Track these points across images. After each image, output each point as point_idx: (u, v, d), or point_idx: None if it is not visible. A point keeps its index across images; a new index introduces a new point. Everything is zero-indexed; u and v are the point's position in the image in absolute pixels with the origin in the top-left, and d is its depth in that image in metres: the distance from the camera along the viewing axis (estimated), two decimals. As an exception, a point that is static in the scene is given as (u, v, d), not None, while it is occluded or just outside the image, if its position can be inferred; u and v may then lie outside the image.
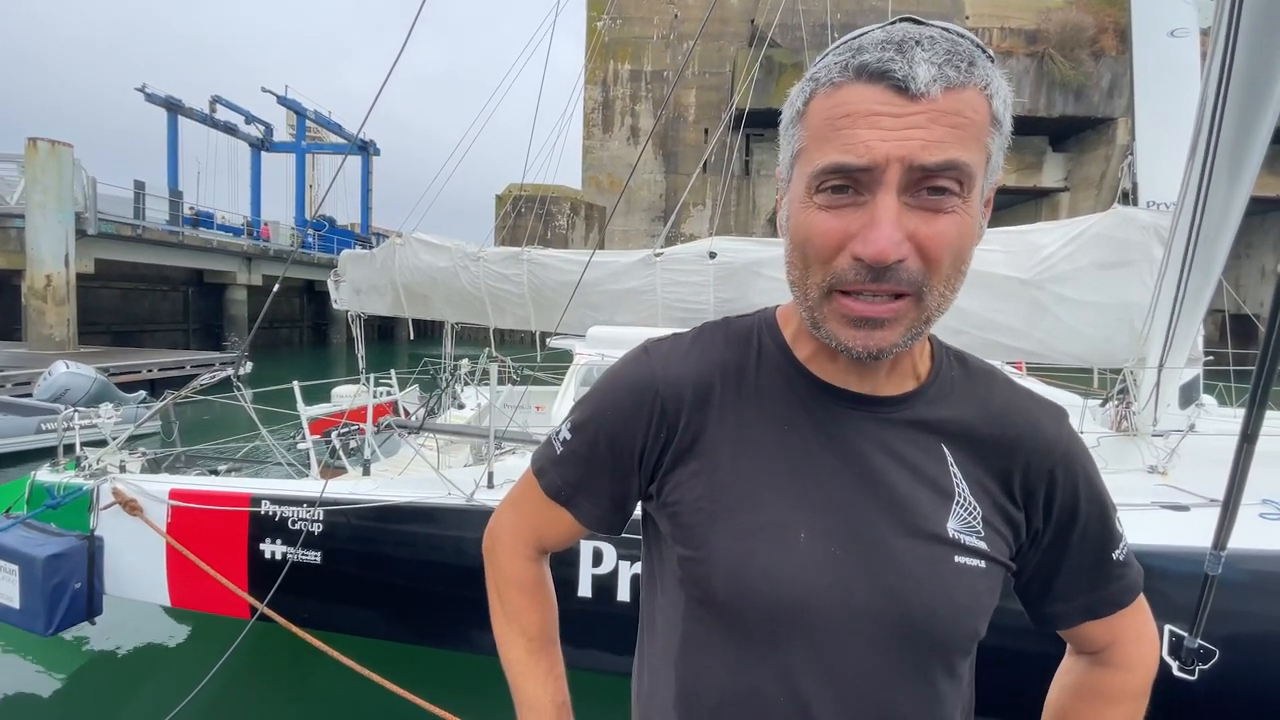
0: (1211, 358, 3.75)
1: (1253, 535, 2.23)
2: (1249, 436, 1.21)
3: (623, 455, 0.66)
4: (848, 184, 0.52)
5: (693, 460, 0.63)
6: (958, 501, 0.61)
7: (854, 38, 0.53)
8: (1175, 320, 2.91)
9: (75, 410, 3.68)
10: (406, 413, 5.08)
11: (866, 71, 0.51)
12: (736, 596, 0.59)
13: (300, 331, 27.75)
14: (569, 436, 0.70)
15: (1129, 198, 3.75)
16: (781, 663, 0.59)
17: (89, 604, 3.01)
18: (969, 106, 0.51)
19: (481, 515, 2.79)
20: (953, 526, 0.60)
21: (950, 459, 0.62)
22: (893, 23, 0.52)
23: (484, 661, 2.97)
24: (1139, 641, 0.70)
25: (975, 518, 0.61)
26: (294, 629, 2.84)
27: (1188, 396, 3.60)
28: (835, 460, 0.61)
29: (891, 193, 0.50)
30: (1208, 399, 4.18)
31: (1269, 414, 1.28)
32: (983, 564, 0.60)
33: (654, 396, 0.65)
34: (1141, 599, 0.69)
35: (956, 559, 0.59)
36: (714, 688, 0.62)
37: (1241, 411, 1.22)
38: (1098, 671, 0.71)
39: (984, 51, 0.52)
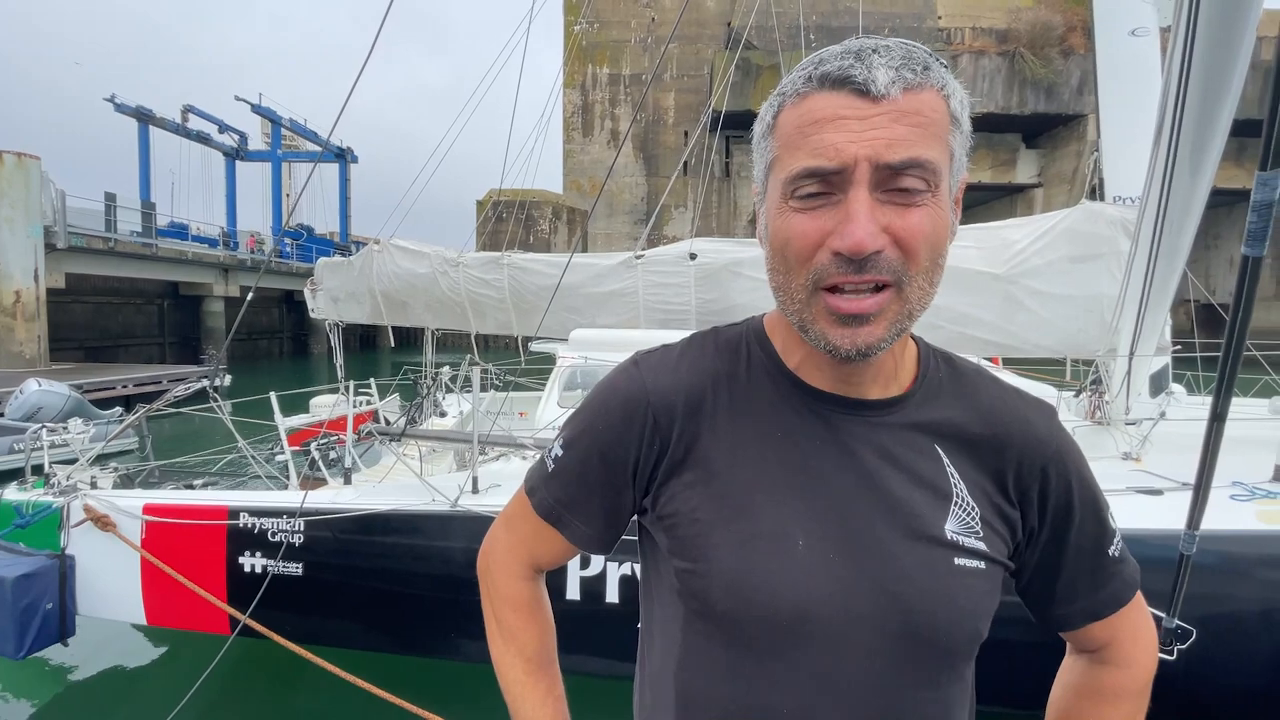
0: (1179, 347, 3.85)
1: (1223, 517, 2.29)
2: (1219, 415, 1.23)
3: (616, 469, 0.66)
4: (821, 188, 0.54)
5: (687, 471, 0.63)
6: (956, 502, 0.61)
7: (816, 55, 0.56)
8: (1143, 311, 2.98)
9: (44, 427, 3.59)
10: (388, 421, 5.03)
11: (829, 79, 0.53)
12: (735, 607, 0.59)
13: (280, 342, 27.33)
14: (561, 453, 0.70)
15: (1096, 193, 3.84)
16: (783, 672, 0.59)
17: (61, 625, 2.93)
18: (928, 106, 0.53)
19: (466, 521, 2.76)
20: (951, 528, 0.60)
21: (945, 459, 0.62)
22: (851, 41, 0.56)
23: (477, 666, 2.94)
24: (1137, 639, 0.70)
25: (974, 518, 0.61)
26: (279, 639, 2.78)
27: (1158, 385, 3.69)
28: (830, 465, 0.61)
29: (863, 188, 0.52)
30: (1176, 387, 4.28)
31: (1236, 399, 1.31)
32: (982, 565, 0.60)
33: (645, 408, 0.64)
34: (1139, 596, 0.69)
35: (956, 561, 0.59)
36: (716, 700, 0.62)
37: (1209, 398, 1.25)
38: (1098, 670, 0.71)
39: (937, 59, 0.55)
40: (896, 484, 0.60)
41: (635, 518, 0.71)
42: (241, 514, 2.90)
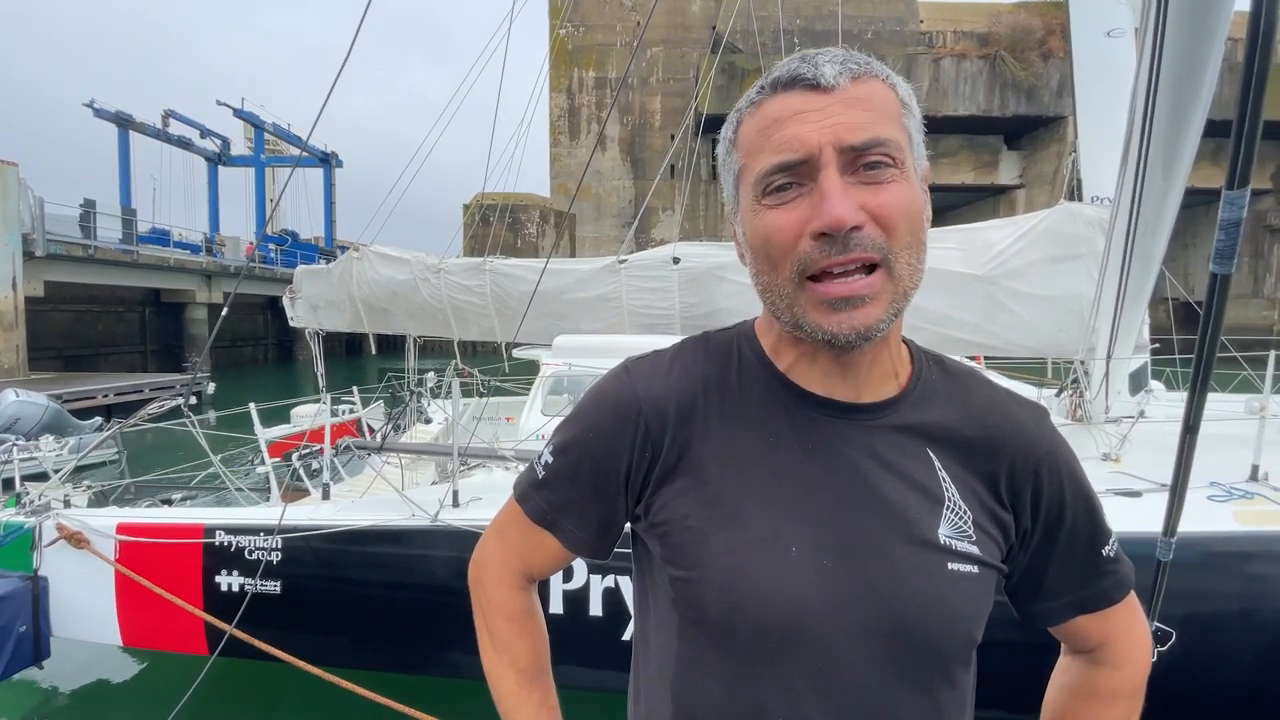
0: (1158, 345, 3.88)
1: (1201, 518, 2.30)
2: (1191, 428, 1.23)
3: (608, 476, 0.66)
4: (791, 180, 0.55)
5: (679, 478, 0.63)
6: (948, 506, 0.61)
7: (766, 73, 0.59)
8: (1120, 310, 3.00)
9: (15, 443, 3.51)
10: (371, 430, 4.98)
11: (780, 83, 0.56)
12: (729, 615, 0.59)
13: (265, 349, 27.01)
14: (551, 460, 0.69)
15: (1075, 193, 3.87)
16: (779, 679, 0.58)
17: (36, 648, 2.88)
18: (877, 94, 0.56)
19: (447, 535, 2.72)
20: (944, 532, 0.60)
21: (937, 463, 0.62)
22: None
23: (461, 682, 2.90)
24: (1130, 639, 0.70)
25: (966, 522, 0.61)
26: (266, 648, 2.71)
27: (1136, 383, 3.72)
28: (822, 470, 0.60)
29: (833, 169, 0.53)
30: (1155, 384, 4.32)
31: (1212, 398, 1.32)
32: (976, 569, 0.60)
33: (637, 415, 0.64)
34: (1133, 596, 0.69)
35: (950, 565, 0.59)
36: (711, 708, 0.61)
37: (1186, 395, 1.25)
38: (1092, 671, 0.71)
39: (877, 62, 0.58)
40: (889, 488, 0.60)
41: (629, 527, 0.71)
42: (217, 532, 2.85)
